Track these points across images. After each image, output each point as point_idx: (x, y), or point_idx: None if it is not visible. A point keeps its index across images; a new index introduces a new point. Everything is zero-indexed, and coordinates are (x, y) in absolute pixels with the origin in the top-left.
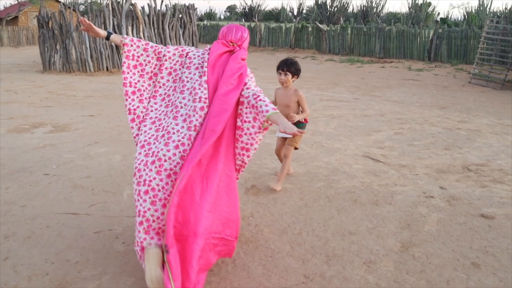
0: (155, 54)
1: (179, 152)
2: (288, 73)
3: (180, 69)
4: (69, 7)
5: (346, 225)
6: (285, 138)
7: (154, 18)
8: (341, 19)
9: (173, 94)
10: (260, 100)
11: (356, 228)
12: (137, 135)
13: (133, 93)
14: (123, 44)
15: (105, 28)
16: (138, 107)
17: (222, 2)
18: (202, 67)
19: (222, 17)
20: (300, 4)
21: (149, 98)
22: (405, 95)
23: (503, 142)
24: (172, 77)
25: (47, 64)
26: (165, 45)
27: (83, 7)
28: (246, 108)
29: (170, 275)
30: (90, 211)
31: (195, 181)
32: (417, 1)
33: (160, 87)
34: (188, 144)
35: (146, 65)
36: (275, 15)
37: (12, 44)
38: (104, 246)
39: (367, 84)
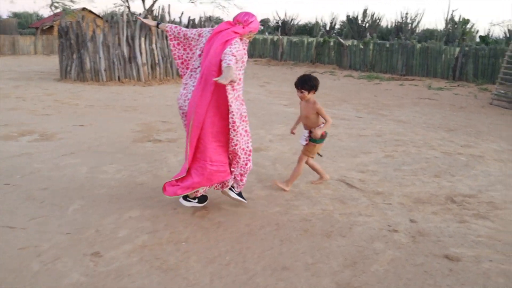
0: (184, 36)
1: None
2: (303, 90)
3: (196, 45)
4: (101, 17)
5: (283, 258)
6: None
7: None
8: (368, 34)
9: (192, 63)
10: (223, 60)
11: (293, 262)
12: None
13: (182, 62)
14: (166, 31)
15: (120, 38)
16: (185, 72)
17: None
18: (203, 42)
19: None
20: (333, 19)
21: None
22: (414, 114)
23: (505, 171)
24: (193, 51)
25: (64, 73)
26: None
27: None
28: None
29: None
30: (28, 225)
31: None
32: (453, 18)
33: (190, 58)
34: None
35: (183, 42)
36: (308, 30)
37: (46, 53)
38: (20, 265)
39: (378, 102)
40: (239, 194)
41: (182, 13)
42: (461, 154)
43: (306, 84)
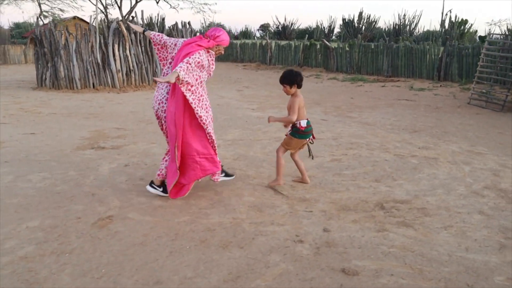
0: (164, 43)
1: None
2: (285, 85)
3: (171, 52)
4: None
5: (162, 271)
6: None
7: (141, 36)
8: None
9: (165, 69)
10: (177, 66)
11: (170, 276)
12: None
13: (163, 65)
14: (150, 38)
15: (93, 45)
16: (166, 73)
17: (255, 20)
18: (175, 50)
19: (258, 35)
20: (332, 22)
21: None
22: (384, 116)
23: (453, 174)
24: (169, 60)
25: (39, 81)
26: (153, 62)
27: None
28: None
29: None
30: None
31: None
32: (446, 18)
33: (167, 64)
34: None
35: (164, 48)
36: (309, 34)
37: None
38: None
39: (352, 104)
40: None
41: (163, 19)
42: (414, 157)
43: (286, 79)
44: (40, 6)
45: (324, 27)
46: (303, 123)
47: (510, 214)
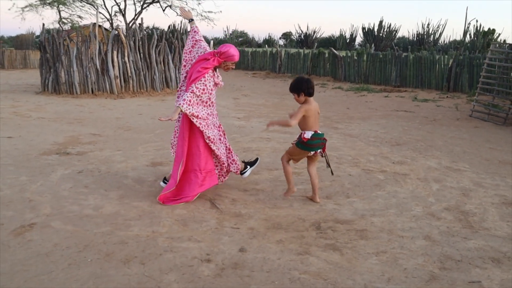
0: (192, 46)
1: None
2: (293, 93)
3: (188, 59)
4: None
5: (50, 285)
6: (310, 157)
7: (140, 43)
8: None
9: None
10: (179, 98)
11: None
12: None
13: (184, 66)
14: (191, 29)
15: (92, 51)
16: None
17: (279, 28)
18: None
19: (282, 43)
20: (353, 30)
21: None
22: (372, 128)
23: (417, 192)
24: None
25: (43, 86)
26: (151, 68)
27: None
28: None
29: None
30: None
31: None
32: (469, 27)
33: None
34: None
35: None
36: (332, 42)
37: None
38: None
39: (345, 115)
40: (247, 166)
41: (186, 29)
42: (383, 172)
43: (293, 87)
44: (59, 13)
45: (346, 36)
46: (307, 135)
47: (460, 240)
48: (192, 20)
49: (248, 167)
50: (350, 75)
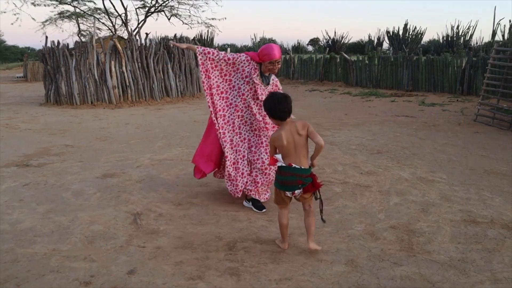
0: (218, 59)
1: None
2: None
3: (228, 72)
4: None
5: None
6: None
7: (137, 52)
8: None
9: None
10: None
11: None
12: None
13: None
14: (197, 53)
15: (90, 62)
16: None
17: (307, 35)
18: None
19: (311, 48)
20: (380, 35)
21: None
22: (359, 135)
23: (369, 208)
24: (224, 76)
25: (46, 97)
26: (149, 77)
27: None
28: None
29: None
30: None
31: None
32: (498, 28)
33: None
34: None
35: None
36: (361, 47)
37: None
38: None
39: (339, 121)
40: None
41: (212, 39)
42: (344, 184)
43: (263, 107)
44: (78, 25)
45: (372, 40)
46: (279, 163)
47: (387, 266)
48: (188, 46)
49: (251, 204)
50: (361, 79)
